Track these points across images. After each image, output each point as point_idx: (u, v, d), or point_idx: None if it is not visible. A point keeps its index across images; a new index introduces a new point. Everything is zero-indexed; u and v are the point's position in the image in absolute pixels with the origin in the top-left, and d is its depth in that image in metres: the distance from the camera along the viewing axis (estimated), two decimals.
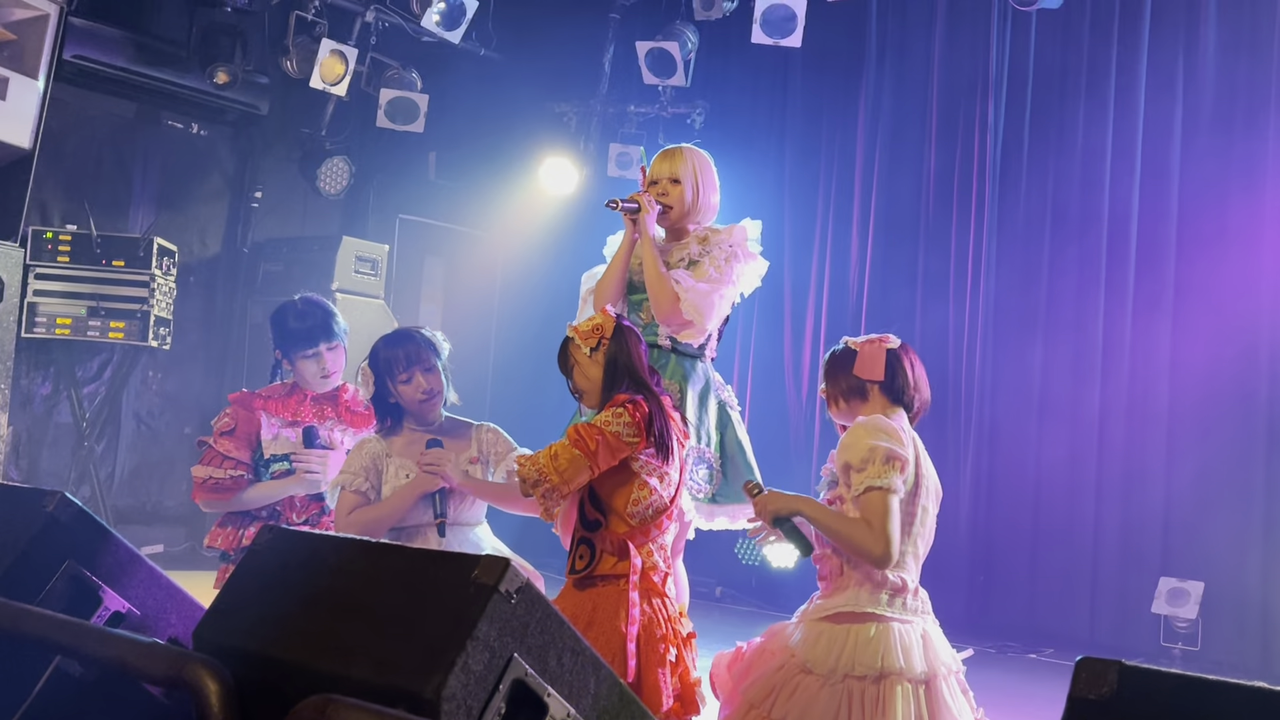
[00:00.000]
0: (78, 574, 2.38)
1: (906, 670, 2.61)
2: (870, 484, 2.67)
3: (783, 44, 7.22)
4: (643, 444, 2.90)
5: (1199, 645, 6.19)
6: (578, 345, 3.07)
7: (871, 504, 2.68)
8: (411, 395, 3.47)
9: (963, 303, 7.26)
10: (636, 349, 3.08)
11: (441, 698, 1.64)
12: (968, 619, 6.84)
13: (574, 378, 3.11)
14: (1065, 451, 6.84)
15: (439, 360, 3.54)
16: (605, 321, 3.09)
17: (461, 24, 7.69)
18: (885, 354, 2.87)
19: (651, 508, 2.94)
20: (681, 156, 3.98)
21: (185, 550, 7.77)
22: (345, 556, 1.99)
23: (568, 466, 2.84)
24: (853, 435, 2.76)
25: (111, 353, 7.50)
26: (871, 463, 2.68)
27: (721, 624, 6.90)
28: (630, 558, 2.89)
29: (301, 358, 3.89)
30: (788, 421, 7.87)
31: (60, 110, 6.82)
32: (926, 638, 2.71)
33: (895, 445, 2.71)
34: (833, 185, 7.94)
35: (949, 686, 2.67)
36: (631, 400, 2.92)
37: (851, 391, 2.91)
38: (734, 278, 3.86)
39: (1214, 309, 6.41)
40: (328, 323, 3.91)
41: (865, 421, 2.78)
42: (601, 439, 2.85)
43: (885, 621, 2.68)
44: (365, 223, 8.80)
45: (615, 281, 3.90)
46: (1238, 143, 6.44)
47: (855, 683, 2.62)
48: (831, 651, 2.66)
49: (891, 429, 2.75)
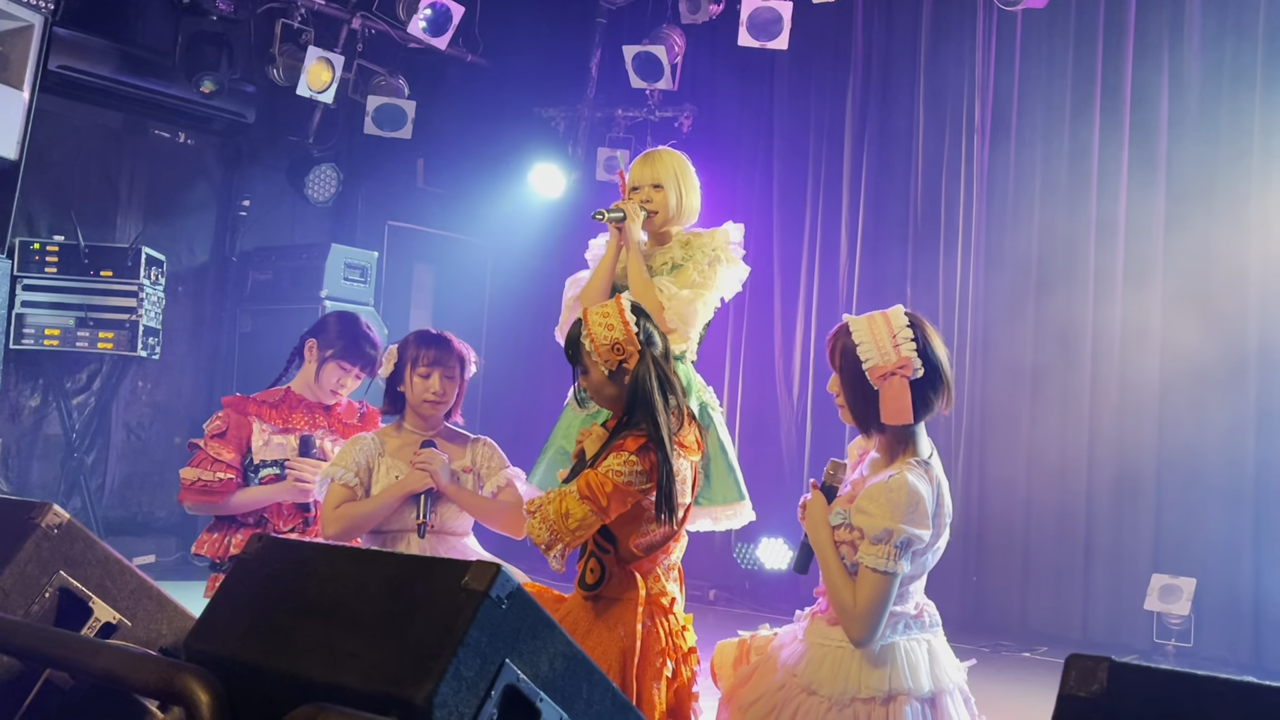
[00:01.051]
0: (67, 586, 2.37)
1: (915, 690, 2.57)
2: (875, 565, 2.53)
3: (769, 46, 7.24)
4: (653, 489, 2.80)
5: (1192, 641, 6.21)
6: (593, 359, 2.91)
7: (868, 585, 2.54)
8: (422, 391, 3.48)
9: (951, 305, 7.28)
10: (661, 374, 2.90)
11: (433, 705, 1.63)
12: (961, 619, 6.85)
13: (584, 380, 2.97)
14: (1056, 451, 6.86)
15: (462, 374, 3.56)
16: (626, 341, 2.89)
17: (448, 30, 7.69)
18: (910, 390, 2.60)
19: (660, 536, 2.90)
20: (662, 160, 3.98)
21: (177, 560, 7.75)
22: (335, 564, 1.98)
23: (579, 526, 2.76)
24: (876, 503, 2.56)
25: (100, 363, 7.48)
26: (885, 543, 2.53)
27: (715, 628, 6.88)
28: (636, 588, 2.85)
29: (338, 364, 3.89)
30: (778, 424, 7.88)
31: (46, 121, 6.80)
32: (933, 653, 2.66)
33: (917, 529, 2.54)
34: (821, 187, 7.95)
35: (954, 702, 2.64)
36: (644, 448, 2.80)
37: (871, 426, 2.68)
38: (717, 283, 3.87)
39: (1202, 309, 6.44)
40: (374, 361, 3.92)
41: (894, 488, 2.55)
42: (614, 491, 2.76)
43: (891, 640, 2.63)
44: (354, 230, 8.79)
45: (601, 289, 3.90)
46: (1224, 137, 6.47)
47: (862, 705, 2.57)
48: (838, 674, 2.61)
49: (917, 501, 2.54)
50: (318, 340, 3.95)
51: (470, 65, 8.72)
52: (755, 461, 7.62)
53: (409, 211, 9.08)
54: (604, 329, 2.91)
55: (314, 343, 3.95)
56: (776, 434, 7.86)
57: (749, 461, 7.41)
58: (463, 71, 8.86)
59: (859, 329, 2.67)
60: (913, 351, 2.62)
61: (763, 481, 7.35)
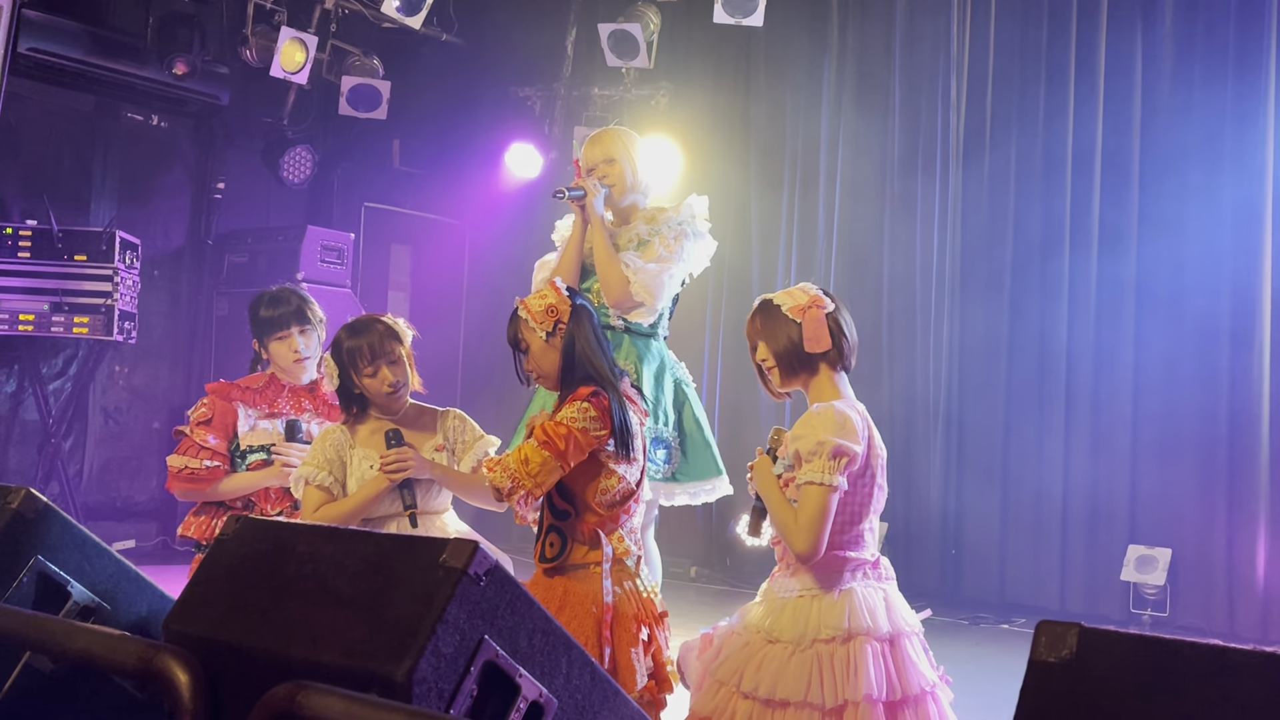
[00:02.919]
0: (45, 569, 2.36)
1: (873, 629, 2.65)
2: (811, 478, 2.65)
3: (745, 23, 7.23)
4: (608, 436, 2.89)
5: (1168, 611, 6.29)
6: (530, 327, 3.02)
7: (808, 499, 2.67)
8: (377, 388, 3.41)
9: (929, 278, 7.31)
10: (595, 331, 3.04)
11: (413, 681, 1.65)
12: (940, 592, 6.91)
13: (526, 360, 3.06)
14: (1033, 423, 6.91)
15: (402, 349, 3.50)
16: (559, 302, 3.03)
17: (422, 9, 7.65)
18: (827, 320, 2.83)
19: (620, 494, 2.94)
20: (610, 137, 4.07)
21: (157, 545, 7.74)
22: (313, 543, 1.99)
23: (539, 470, 2.82)
24: (807, 426, 2.72)
25: (76, 348, 7.44)
26: (819, 455, 2.66)
27: (697, 604, 6.93)
28: (601, 546, 2.89)
29: (274, 339, 3.89)
30: (758, 402, 7.89)
31: (17, 104, 6.75)
32: (889, 599, 2.74)
33: (848, 441, 2.68)
34: (798, 162, 7.96)
35: (913, 646, 2.71)
36: (595, 394, 2.90)
37: (798, 365, 2.85)
38: (683, 256, 3.90)
39: (1176, 282, 6.49)
40: (301, 308, 3.91)
41: (821, 411, 2.74)
42: (570, 437, 2.83)
43: (849, 586, 2.72)
44: (330, 212, 8.75)
45: (570, 269, 3.93)
46: (1196, 118, 6.51)
47: (824, 645, 2.64)
48: (798, 620, 2.69)
49: (845, 419, 2.71)
50: (253, 334, 3.97)
51: (445, 45, 8.68)
52: (736, 440, 7.65)
53: (385, 193, 9.05)
54: (538, 299, 3.06)
55: (255, 340, 3.98)
56: (757, 412, 7.88)
57: (727, 438, 7.47)
58: (438, 51, 8.81)
59: (774, 294, 2.96)
60: (820, 292, 2.90)
61: (741, 458, 7.37)
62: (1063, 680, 1.47)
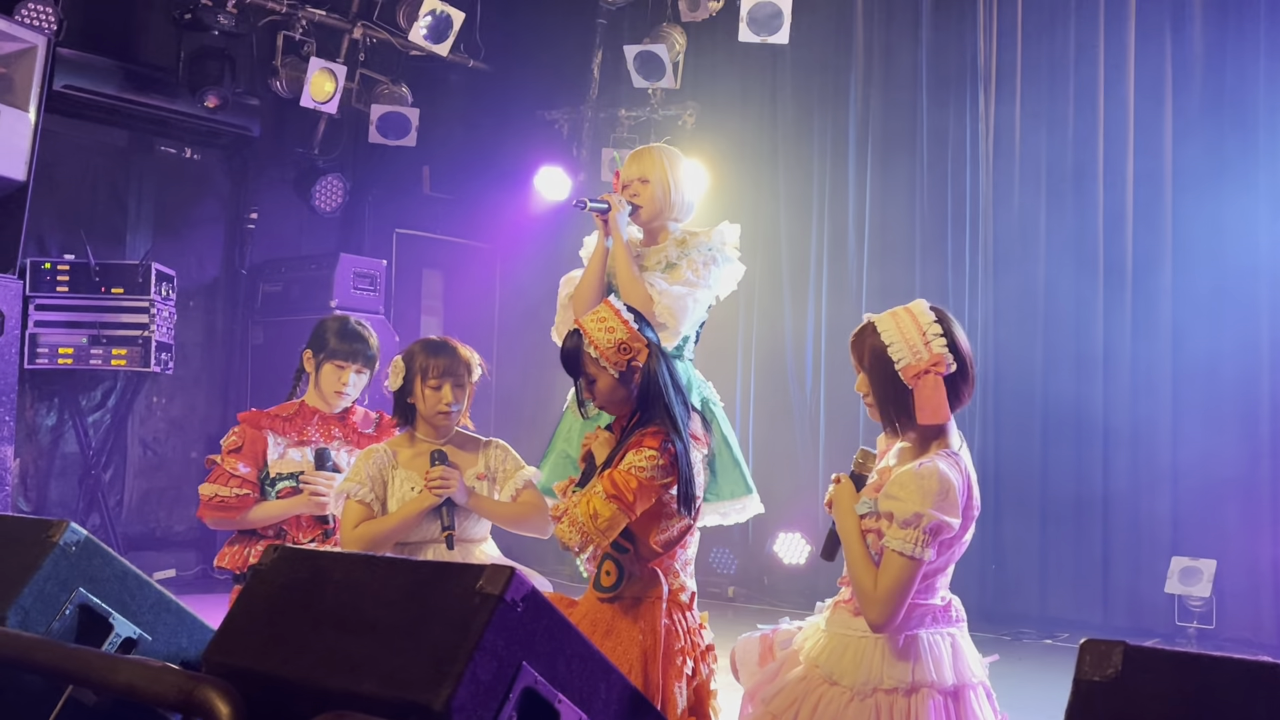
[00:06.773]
0: (87, 602, 2.38)
1: (938, 682, 2.55)
2: (900, 549, 2.49)
3: (770, 41, 7.24)
4: (674, 482, 2.84)
5: (1214, 624, 6.19)
6: (600, 365, 2.93)
7: (891, 567, 2.50)
8: (435, 403, 3.44)
9: (961, 297, 7.25)
10: (670, 370, 2.96)
11: (452, 709, 1.64)
12: (981, 608, 6.83)
13: (592, 390, 2.98)
14: (1071, 436, 6.84)
15: (469, 380, 3.55)
16: (631, 339, 2.92)
17: (449, 37, 7.71)
18: (945, 388, 2.56)
19: (678, 531, 2.93)
20: (650, 156, 3.98)
21: (197, 574, 7.78)
22: (350, 572, 1.99)
23: (608, 525, 2.79)
24: (906, 489, 2.52)
25: (115, 380, 7.52)
26: (914, 528, 2.48)
27: (735, 624, 6.88)
28: (659, 584, 2.87)
29: (332, 364, 3.92)
30: (791, 420, 7.86)
31: (53, 141, 6.84)
32: (956, 648, 2.62)
33: (947, 516, 2.50)
34: (827, 180, 7.94)
35: (977, 697, 2.61)
36: (666, 442, 2.85)
37: (901, 426, 2.64)
38: (710, 282, 3.85)
39: (1214, 292, 6.42)
40: (371, 355, 3.97)
41: (925, 474, 2.52)
42: (639, 488, 2.79)
43: (915, 633, 2.60)
44: (362, 239, 8.82)
45: (593, 286, 3.89)
46: (1228, 123, 6.45)
47: (884, 696, 2.53)
48: (860, 665, 2.57)
49: (949, 489, 2.51)
50: (311, 348, 4.00)
51: (472, 70, 8.74)
52: (769, 457, 7.62)
53: (416, 218, 9.11)
54: (605, 333, 2.92)
55: (309, 352, 4.00)
56: (790, 430, 7.85)
57: (762, 458, 7.44)
58: (465, 77, 8.88)
59: (887, 328, 2.62)
60: (944, 347, 2.59)
61: (777, 477, 7.34)
62: (1108, 700, 1.45)
